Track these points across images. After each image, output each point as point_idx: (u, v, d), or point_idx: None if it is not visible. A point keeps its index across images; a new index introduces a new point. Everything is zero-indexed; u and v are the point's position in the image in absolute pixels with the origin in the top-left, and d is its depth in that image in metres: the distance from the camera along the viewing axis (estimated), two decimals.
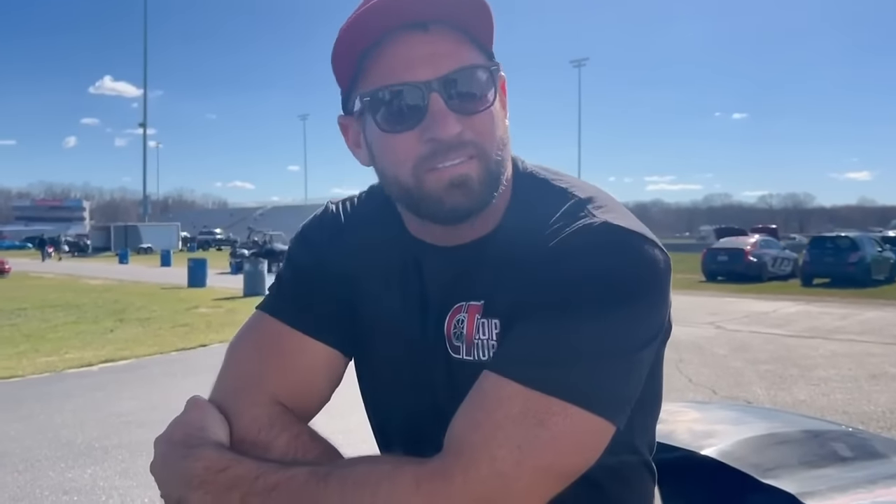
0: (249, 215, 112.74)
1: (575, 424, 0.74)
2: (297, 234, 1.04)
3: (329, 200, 1.06)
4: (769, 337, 10.39)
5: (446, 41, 0.82)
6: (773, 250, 22.97)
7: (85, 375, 8.04)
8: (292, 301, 0.95)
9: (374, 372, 1.00)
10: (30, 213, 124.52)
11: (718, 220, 76.71)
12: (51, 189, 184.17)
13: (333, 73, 0.88)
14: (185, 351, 9.57)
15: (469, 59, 0.84)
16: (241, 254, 29.85)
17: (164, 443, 0.84)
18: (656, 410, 0.96)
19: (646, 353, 0.81)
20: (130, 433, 5.53)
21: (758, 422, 2.06)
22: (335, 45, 0.84)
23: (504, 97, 0.91)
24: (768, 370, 7.94)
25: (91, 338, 10.75)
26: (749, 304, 15.08)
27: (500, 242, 0.89)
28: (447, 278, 0.91)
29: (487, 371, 0.79)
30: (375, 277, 0.96)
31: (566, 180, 0.92)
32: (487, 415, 0.75)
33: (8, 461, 4.91)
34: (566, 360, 0.75)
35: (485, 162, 0.83)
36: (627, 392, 0.79)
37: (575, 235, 0.80)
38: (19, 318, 13.28)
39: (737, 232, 29.09)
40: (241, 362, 0.93)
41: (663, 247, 0.83)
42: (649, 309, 0.80)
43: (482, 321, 0.87)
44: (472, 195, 0.83)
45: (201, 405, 0.87)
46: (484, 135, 0.84)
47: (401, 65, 0.82)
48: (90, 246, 59.96)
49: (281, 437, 0.85)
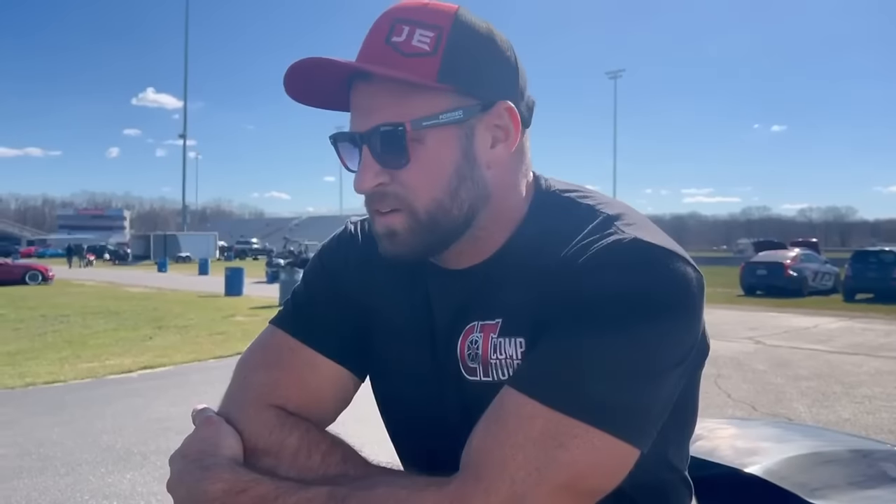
0: (285, 225, 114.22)
1: (597, 448, 0.72)
2: (316, 253, 1.06)
3: (349, 219, 1.07)
4: (810, 353, 10.16)
5: (384, 93, 0.81)
6: (814, 264, 22.48)
7: (124, 381, 8.18)
8: (305, 318, 0.96)
9: (389, 392, 1.00)
10: (73, 222, 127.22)
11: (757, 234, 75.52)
12: (93, 198, 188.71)
13: None
14: (221, 359, 9.65)
15: (406, 112, 0.80)
16: (276, 263, 30.15)
17: (179, 461, 0.85)
18: (692, 425, 0.94)
19: (675, 374, 0.78)
20: (168, 439, 5.59)
21: (802, 440, 2.01)
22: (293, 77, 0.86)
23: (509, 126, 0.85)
24: (810, 387, 7.76)
25: (131, 345, 10.94)
26: (789, 319, 14.77)
27: (512, 261, 0.87)
28: (456, 300, 0.90)
29: (509, 387, 0.77)
30: (387, 299, 0.96)
31: (593, 197, 0.90)
32: (508, 434, 0.74)
33: (50, 465, 5.01)
34: (591, 380, 0.73)
35: (411, 215, 0.83)
36: (653, 416, 0.77)
37: (603, 251, 0.78)
38: (62, 325, 13.57)
39: (776, 245, 28.57)
40: (251, 375, 0.94)
41: (695, 264, 0.80)
42: (679, 329, 0.77)
43: (499, 340, 0.85)
44: (401, 245, 0.85)
45: (213, 421, 0.88)
46: (410, 189, 0.83)
47: (352, 111, 0.85)
48: (130, 254, 61.11)
49: (292, 434, 0.86)
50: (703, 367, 0.88)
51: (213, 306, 17.26)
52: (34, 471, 4.88)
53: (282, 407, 0.90)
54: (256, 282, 26.84)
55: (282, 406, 0.90)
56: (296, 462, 0.84)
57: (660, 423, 0.78)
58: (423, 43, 0.81)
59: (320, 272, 1.02)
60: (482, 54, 0.83)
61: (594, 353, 0.74)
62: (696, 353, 0.82)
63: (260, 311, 15.97)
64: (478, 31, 0.84)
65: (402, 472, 0.85)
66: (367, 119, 0.82)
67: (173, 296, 21.04)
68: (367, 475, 0.82)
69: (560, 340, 0.76)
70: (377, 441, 1.05)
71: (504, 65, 0.86)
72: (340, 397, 0.95)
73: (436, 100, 0.82)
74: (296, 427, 0.87)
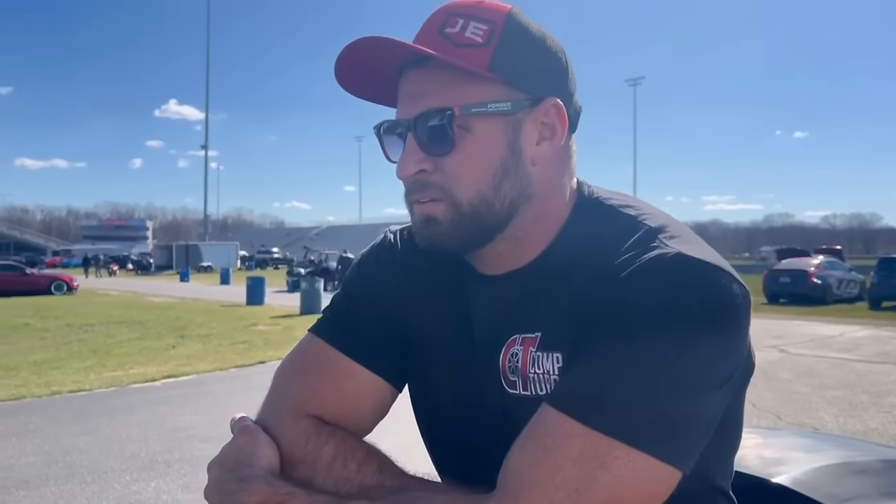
0: (306, 235, 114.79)
1: (638, 470, 0.70)
2: (354, 262, 1.06)
3: (387, 228, 1.07)
4: (836, 362, 10.02)
5: (433, 79, 0.82)
6: (839, 272, 22.20)
7: (148, 390, 8.25)
8: (343, 327, 0.96)
9: (428, 402, 0.99)
10: (96, 233, 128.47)
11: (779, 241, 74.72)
12: (116, 209, 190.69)
13: None
14: (243, 367, 9.74)
15: (456, 98, 0.81)
16: (297, 272, 30.33)
17: (216, 469, 0.85)
18: (736, 442, 0.92)
19: (719, 394, 0.75)
20: (192, 447, 5.64)
21: (831, 449, 1.97)
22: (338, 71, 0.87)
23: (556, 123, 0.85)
24: (836, 396, 7.65)
25: (154, 353, 11.04)
26: (813, 327, 14.58)
27: (552, 270, 0.86)
28: (496, 310, 0.89)
29: (547, 405, 0.75)
30: (428, 308, 0.96)
31: (636, 207, 0.88)
32: (546, 453, 0.72)
33: (77, 473, 5.06)
34: (632, 399, 0.71)
35: (453, 206, 0.83)
36: (697, 436, 0.75)
37: (647, 266, 0.76)
38: (87, 334, 13.74)
39: (799, 253, 28.29)
40: (289, 384, 0.94)
41: (741, 280, 0.78)
42: (725, 347, 0.75)
43: (537, 354, 0.83)
44: (440, 235, 0.85)
45: (250, 430, 0.88)
46: (453, 179, 0.82)
47: (400, 99, 0.86)
48: (153, 264, 61.68)
49: (328, 444, 0.86)
50: (748, 384, 0.85)
51: (234, 315, 17.37)
52: (61, 478, 4.94)
53: (319, 416, 0.90)
54: (277, 291, 26.98)
55: (319, 416, 0.90)
56: (332, 472, 0.84)
57: (703, 443, 0.75)
58: (476, 35, 0.82)
59: (359, 280, 1.01)
60: (533, 51, 0.84)
61: (636, 372, 0.72)
62: (742, 370, 0.80)
63: (281, 319, 16.06)
64: (530, 29, 0.85)
65: (438, 485, 0.84)
66: (416, 105, 0.82)
67: (195, 305, 21.21)
68: (403, 486, 0.81)
69: (600, 357, 0.74)
70: (411, 447, 1.05)
71: (555, 65, 0.86)
72: (378, 407, 0.95)
73: (485, 89, 0.82)
74: (332, 436, 0.87)
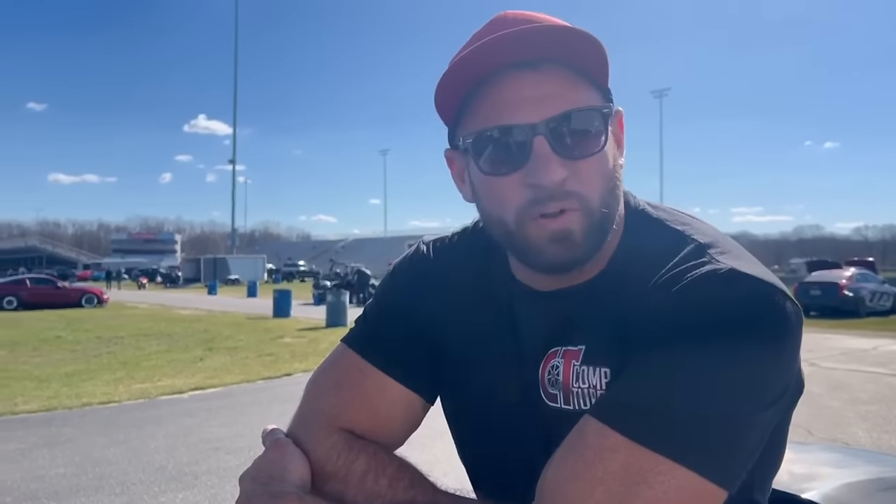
0: (331, 247, 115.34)
1: (682, 487, 0.68)
2: (388, 273, 1.04)
3: (421, 239, 1.06)
4: (870, 376, 9.82)
5: (556, 81, 0.78)
6: (871, 284, 21.79)
7: (176, 402, 8.33)
8: (376, 339, 0.95)
9: (464, 415, 0.98)
10: (126, 246, 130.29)
11: (809, 253, 73.54)
12: (146, 223, 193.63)
13: (436, 108, 0.85)
14: (270, 380, 9.79)
15: (579, 100, 0.79)
16: (323, 285, 30.47)
17: (248, 483, 0.84)
18: (779, 461, 0.90)
19: (769, 413, 0.73)
20: (219, 459, 5.68)
21: (863, 465, 1.94)
22: (440, 82, 0.81)
23: (621, 133, 0.87)
24: (870, 411, 7.49)
25: (182, 366, 11.15)
26: (845, 340, 14.31)
27: (606, 287, 0.84)
28: (546, 323, 0.88)
29: (590, 416, 0.73)
30: (465, 321, 0.94)
31: (683, 220, 0.86)
32: (586, 467, 0.70)
33: (106, 484, 5.12)
34: (679, 414, 0.69)
35: (588, 214, 0.79)
36: (745, 456, 0.72)
37: (699, 281, 0.74)
38: (116, 346, 13.91)
39: (830, 265, 27.82)
40: (321, 397, 0.93)
41: (794, 298, 0.76)
42: (777, 365, 0.72)
43: (582, 368, 0.82)
44: (575, 249, 0.79)
45: (282, 444, 0.87)
46: (589, 184, 0.79)
47: (507, 106, 0.78)
48: (181, 277, 62.45)
49: (360, 458, 0.85)
50: (796, 404, 0.83)
51: (261, 328, 17.49)
52: (90, 489, 5.00)
53: (350, 430, 0.89)
54: (304, 303, 27.16)
55: (350, 429, 0.89)
56: (363, 486, 0.83)
57: (750, 463, 0.73)
58: None
59: (392, 292, 1.00)
60: (606, 60, 0.82)
61: (685, 387, 0.69)
62: (792, 390, 0.78)
63: (307, 332, 16.12)
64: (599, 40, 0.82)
65: (472, 501, 0.82)
66: (544, 107, 0.78)
67: (223, 318, 21.40)
68: (436, 502, 0.80)
69: (648, 371, 0.72)
70: (433, 462, 1.05)
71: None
72: (409, 421, 0.94)
73: (593, 94, 0.81)
74: (363, 450, 0.86)
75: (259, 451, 0.89)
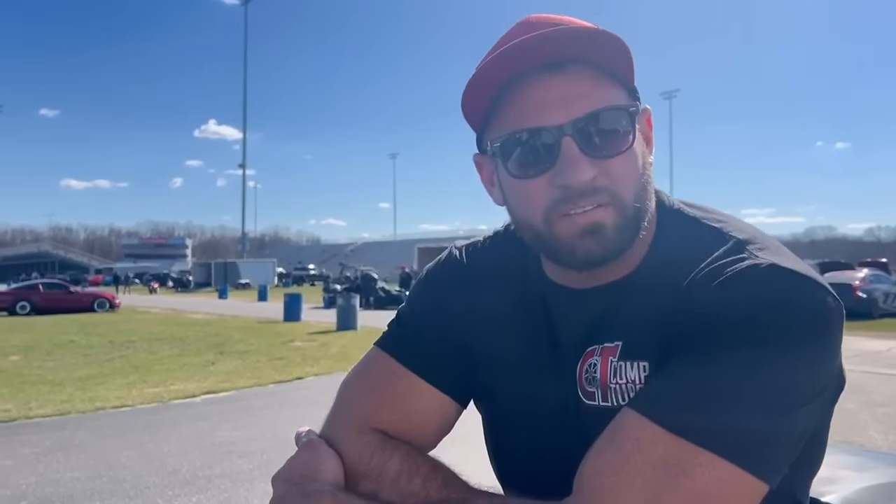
0: (341, 251, 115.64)
1: (722, 480, 0.67)
2: (420, 276, 1.05)
3: (453, 244, 1.06)
4: (884, 378, 9.75)
5: (583, 81, 0.79)
6: (885, 285, 21.68)
7: (189, 406, 8.36)
8: (409, 342, 0.96)
9: (500, 417, 0.97)
10: (137, 251, 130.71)
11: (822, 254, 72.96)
12: (157, 227, 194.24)
13: (463, 112, 0.85)
14: (281, 383, 9.82)
15: (606, 99, 0.79)
16: (333, 289, 30.57)
17: (281, 484, 0.84)
18: (821, 458, 0.89)
19: (811, 408, 0.73)
20: (232, 463, 5.69)
21: (882, 468, 1.92)
22: (467, 86, 0.81)
23: (650, 131, 0.88)
24: (886, 413, 7.43)
25: (194, 370, 11.19)
26: (859, 342, 14.19)
27: (641, 284, 0.84)
28: (581, 321, 0.88)
29: (629, 409, 0.73)
30: (499, 323, 0.94)
31: (719, 218, 0.86)
32: (625, 459, 0.70)
33: (120, 488, 5.14)
34: (720, 407, 0.69)
35: (620, 209, 0.79)
36: (787, 450, 0.71)
37: (741, 276, 0.74)
38: (128, 351, 13.98)
39: (843, 266, 27.64)
40: (355, 398, 0.94)
41: (835, 293, 0.76)
42: (819, 360, 0.73)
43: (619, 364, 0.82)
44: (606, 242, 0.79)
45: (315, 445, 0.87)
46: (619, 181, 0.79)
47: (533, 108, 0.79)
48: (192, 282, 62.70)
49: (393, 458, 0.85)
50: (837, 400, 0.82)
51: (272, 332, 17.54)
52: (105, 493, 5.02)
53: (383, 431, 0.89)
54: (314, 307, 27.21)
55: (383, 430, 0.89)
56: (397, 487, 0.83)
57: (792, 457, 0.73)
58: None
59: (425, 295, 1.01)
60: (631, 59, 0.82)
61: (727, 379, 0.69)
62: (834, 385, 0.78)
63: (318, 336, 16.16)
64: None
65: (506, 498, 0.82)
66: (569, 108, 0.78)
67: (234, 322, 21.47)
68: (469, 501, 0.80)
69: (689, 364, 0.72)
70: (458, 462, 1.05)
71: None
72: (442, 424, 0.94)
73: (620, 93, 0.82)
74: (396, 451, 0.86)
75: (290, 453, 0.89)
